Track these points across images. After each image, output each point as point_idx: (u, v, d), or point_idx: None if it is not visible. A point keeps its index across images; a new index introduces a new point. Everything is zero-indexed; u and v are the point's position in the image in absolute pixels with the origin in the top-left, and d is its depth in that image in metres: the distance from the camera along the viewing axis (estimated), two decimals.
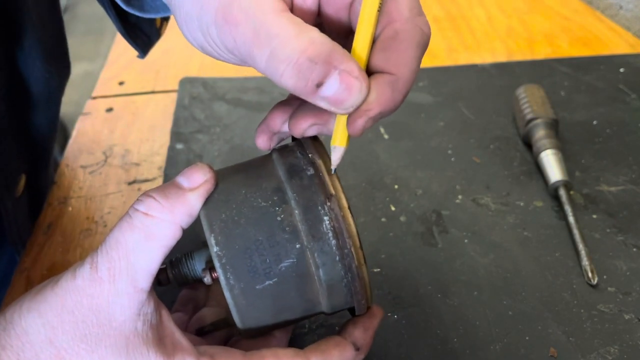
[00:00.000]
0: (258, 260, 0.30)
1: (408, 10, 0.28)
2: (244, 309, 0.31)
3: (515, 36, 0.83)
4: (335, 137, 0.31)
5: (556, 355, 0.40)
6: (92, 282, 0.29)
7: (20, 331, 0.29)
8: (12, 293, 0.45)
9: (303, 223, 0.30)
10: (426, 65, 0.76)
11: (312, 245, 0.30)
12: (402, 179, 0.56)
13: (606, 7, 0.95)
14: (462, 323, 0.42)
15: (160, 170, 0.58)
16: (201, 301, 0.40)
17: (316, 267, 0.31)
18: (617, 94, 0.68)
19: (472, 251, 0.48)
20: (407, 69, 0.28)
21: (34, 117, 0.47)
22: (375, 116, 0.28)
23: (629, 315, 0.43)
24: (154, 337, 0.30)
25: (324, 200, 0.30)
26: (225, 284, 0.30)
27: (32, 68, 0.45)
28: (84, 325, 0.29)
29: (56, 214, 0.53)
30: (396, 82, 0.28)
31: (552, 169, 0.53)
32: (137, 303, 0.30)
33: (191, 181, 0.31)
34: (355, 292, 0.32)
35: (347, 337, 0.34)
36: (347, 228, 0.30)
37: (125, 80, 0.74)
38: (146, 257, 0.30)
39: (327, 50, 0.26)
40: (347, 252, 0.30)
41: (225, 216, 0.31)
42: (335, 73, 0.26)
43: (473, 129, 0.63)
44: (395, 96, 0.28)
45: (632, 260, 0.47)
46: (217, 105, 0.67)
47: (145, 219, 0.30)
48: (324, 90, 0.27)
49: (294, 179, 0.31)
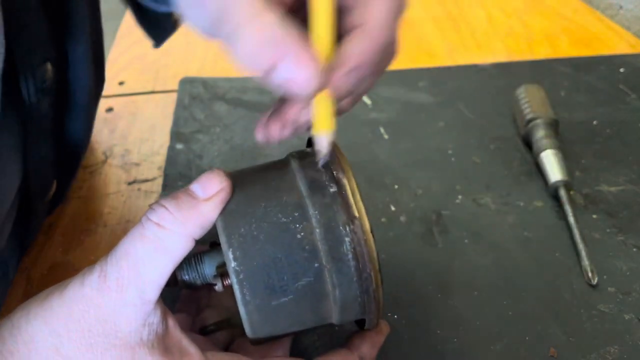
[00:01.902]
0: (275, 277, 0.30)
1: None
2: (257, 324, 0.31)
3: (515, 36, 0.83)
4: (317, 124, 0.29)
5: (556, 355, 0.40)
6: (100, 292, 0.29)
7: (27, 338, 0.29)
8: (12, 293, 0.45)
9: (323, 243, 0.30)
10: (426, 65, 0.76)
11: (331, 266, 0.30)
12: (402, 179, 0.56)
13: (606, 7, 0.95)
14: (462, 323, 0.42)
15: (160, 170, 0.58)
16: (204, 301, 0.40)
17: (333, 287, 0.30)
18: (617, 94, 0.68)
19: (472, 251, 0.48)
20: (379, 20, 0.27)
21: (72, 125, 0.47)
22: (351, 70, 0.27)
23: (629, 315, 0.43)
24: (160, 347, 0.30)
25: (346, 222, 0.30)
26: (241, 300, 0.30)
27: (81, 75, 0.45)
28: (90, 335, 0.29)
29: (56, 214, 0.53)
30: (369, 32, 0.27)
31: (552, 169, 0.53)
32: (143, 314, 0.29)
33: (206, 190, 0.30)
34: (369, 311, 0.31)
35: (355, 351, 0.34)
36: (369, 252, 0.30)
37: (125, 80, 0.74)
38: (155, 269, 0.29)
39: (279, 36, 0.26)
40: (366, 276, 0.30)
41: (244, 230, 0.30)
42: (287, 58, 0.26)
43: (473, 129, 0.63)
44: (370, 47, 0.27)
45: (632, 260, 0.47)
46: (217, 105, 0.67)
47: (156, 230, 0.29)
48: (278, 73, 0.26)
49: (315, 195, 0.30)
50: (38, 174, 0.43)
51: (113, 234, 0.51)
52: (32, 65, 0.38)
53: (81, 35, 0.44)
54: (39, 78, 0.39)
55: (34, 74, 0.39)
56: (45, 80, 0.40)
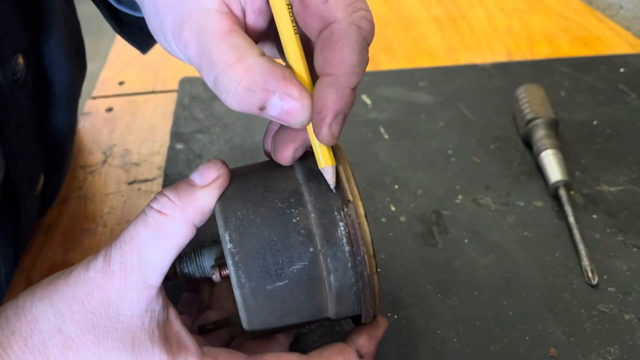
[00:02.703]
0: (271, 260, 0.30)
1: (342, 9, 0.28)
2: (252, 308, 0.31)
3: (515, 36, 0.83)
4: (319, 160, 0.31)
5: (556, 355, 0.40)
6: (104, 275, 0.30)
7: (31, 318, 0.30)
8: (12, 293, 0.45)
9: (318, 227, 0.30)
10: (426, 65, 0.76)
11: (325, 250, 0.30)
12: (402, 179, 0.56)
13: (606, 7, 0.95)
14: (462, 323, 0.42)
15: (160, 170, 0.58)
16: (204, 304, 0.40)
17: (328, 272, 0.31)
18: (617, 94, 0.68)
19: (472, 251, 0.48)
20: (344, 66, 0.28)
21: (54, 117, 0.47)
22: (333, 120, 0.28)
23: (629, 315, 0.43)
24: (160, 335, 0.30)
25: (340, 206, 0.30)
26: (236, 282, 0.30)
27: (57, 67, 0.46)
28: (92, 317, 0.30)
29: (56, 214, 0.53)
30: (336, 80, 0.28)
31: (552, 169, 0.53)
32: (145, 299, 0.30)
33: (204, 178, 0.31)
34: (364, 300, 0.31)
35: (351, 344, 0.34)
36: (363, 235, 0.30)
37: (125, 80, 0.74)
38: (158, 254, 0.30)
39: (263, 77, 0.27)
40: (360, 260, 0.30)
41: (242, 214, 0.31)
42: (274, 97, 0.27)
43: (473, 129, 0.63)
44: (341, 94, 0.28)
45: (632, 260, 0.47)
46: (217, 105, 0.67)
47: (158, 217, 0.30)
48: (267, 112, 0.28)
49: (312, 182, 0.31)
50: (21, 166, 0.44)
51: (113, 234, 0.51)
52: (1, 57, 0.39)
53: (54, 28, 0.44)
54: (9, 69, 0.40)
55: (3, 65, 0.39)
56: (16, 72, 0.41)
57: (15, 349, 0.29)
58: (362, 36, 0.28)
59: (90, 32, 0.56)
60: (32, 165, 0.46)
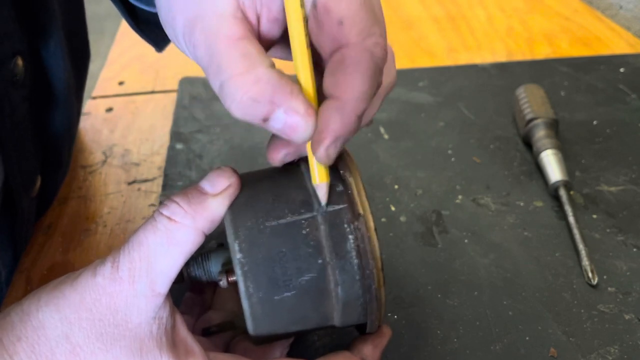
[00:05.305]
0: (279, 271, 0.30)
1: (356, 34, 0.28)
2: (259, 318, 0.31)
3: (515, 36, 0.83)
4: (313, 176, 0.31)
5: (556, 355, 0.40)
6: (112, 281, 0.29)
7: (37, 324, 0.29)
8: (12, 293, 0.45)
9: (328, 239, 0.30)
10: (426, 65, 0.76)
11: (334, 263, 0.30)
12: (402, 179, 0.56)
13: (606, 7, 0.95)
14: (462, 323, 0.42)
15: (160, 170, 0.58)
16: (207, 304, 0.40)
17: (335, 284, 0.30)
18: (617, 94, 0.68)
19: (472, 251, 0.48)
20: (353, 93, 0.28)
21: (52, 117, 0.47)
22: (332, 143, 0.28)
23: (629, 315, 0.43)
24: (168, 342, 0.30)
25: (350, 219, 0.30)
26: (245, 292, 0.30)
27: (56, 67, 0.45)
28: (100, 324, 0.29)
29: (56, 214, 0.53)
30: (343, 107, 0.28)
31: (552, 169, 0.53)
32: (153, 306, 0.30)
33: (215, 186, 0.31)
34: (371, 312, 0.32)
35: (357, 353, 0.34)
36: (372, 249, 0.30)
37: (125, 80, 0.74)
38: (166, 261, 0.30)
39: (271, 89, 0.26)
40: (369, 274, 0.30)
41: (251, 224, 0.31)
42: (279, 111, 0.27)
43: (473, 129, 0.63)
44: (345, 121, 0.28)
45: (632, 260, 0.47)
46: (217, 105, 0.67)
47: (168, 224, 0.30)
48: (270, 124, 0.27)
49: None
50: (18, 167, 0.43)
51: (113, 234, 0.51)
52: (1, 58, 0.39)
53: (53, 29, 0.44)
54: (8, 71, 0.40)
55: (2, 67, 0.39)
56: (15, 74, 0.41)
57: (22, 356, 0.29)
58: (374, 63, 0.28)
59: (91, 32, 0.56)
60: (29, 167, 0.46)
